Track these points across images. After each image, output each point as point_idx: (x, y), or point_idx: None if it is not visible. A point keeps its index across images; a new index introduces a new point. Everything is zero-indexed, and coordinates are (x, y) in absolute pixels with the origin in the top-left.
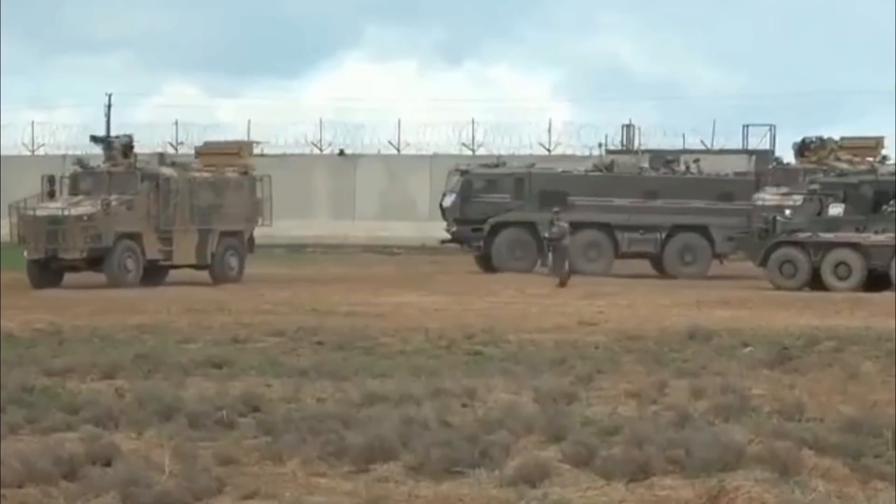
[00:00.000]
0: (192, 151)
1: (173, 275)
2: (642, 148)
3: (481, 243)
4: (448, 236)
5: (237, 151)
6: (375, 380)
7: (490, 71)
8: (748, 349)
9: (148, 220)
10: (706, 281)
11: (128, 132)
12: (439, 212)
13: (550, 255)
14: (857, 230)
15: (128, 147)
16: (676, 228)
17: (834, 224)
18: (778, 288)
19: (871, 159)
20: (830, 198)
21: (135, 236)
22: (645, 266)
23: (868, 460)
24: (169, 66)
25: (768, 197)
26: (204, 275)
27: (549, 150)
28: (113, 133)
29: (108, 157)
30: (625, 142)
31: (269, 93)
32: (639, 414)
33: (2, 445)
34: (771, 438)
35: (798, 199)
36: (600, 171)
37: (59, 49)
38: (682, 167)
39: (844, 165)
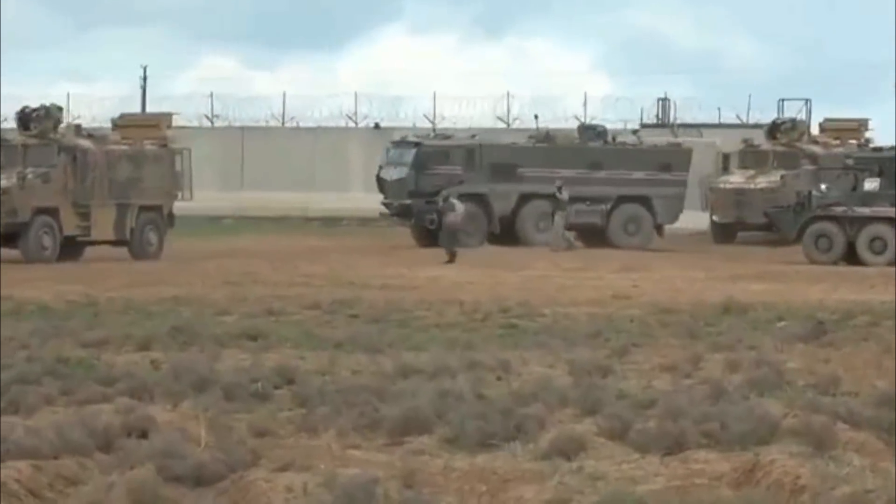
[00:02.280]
0: (228, 124)
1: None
2: (678, 122)
3: (434, 216)
4: (385, 209)
5: (156, 124)
6: (410, 352)
7: (528, 44)
8: (783, 323)
9: (65, 195)
10: (741, 254)
11: (164, 105)
12: (377, 184)
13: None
14: (892, 205)
15: (51, 118)
16: (620, 199)
17: (869, 198)
18: (813, 262)
19: (853, 142)
20: (866, 172)
21: (51, 211)
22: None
23: None
24: (206, 39)
25: (735, 179)
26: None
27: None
28: (149, 107)
29: (24, 129)
30: (660, 115)
31: (306, 65)
32: (673, 387)
33: (34, 417)
34: (806, 412)
35: (762, 182)
36: (541, 143)
37: (97, 21)
38: (611, 139)
39: (817, 149)
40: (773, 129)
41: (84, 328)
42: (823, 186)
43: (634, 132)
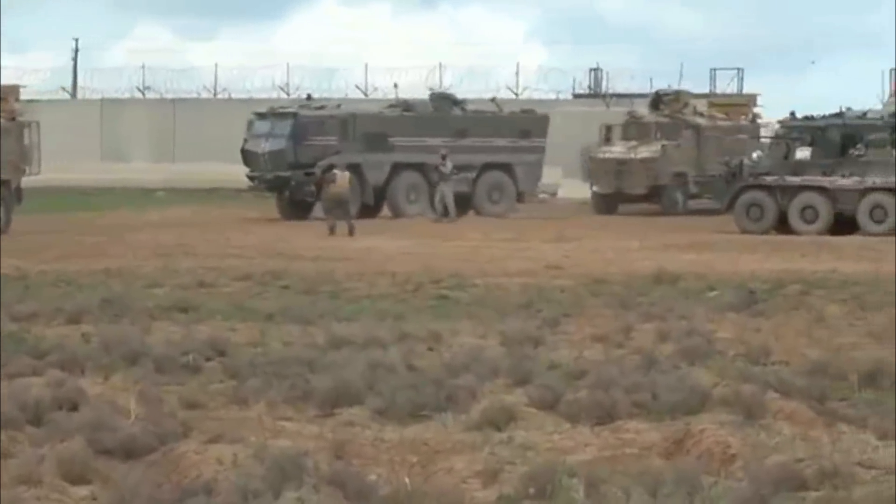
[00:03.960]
0: (159, 96)
1: None
2: (610, 92)
3: (312, 187)
4: (252, 182)
5: (4, 97)
6: (341, 324)
7: (463, 14)
8: (714, 293)
9: None
10: (673, 224)
11: (96, 78)
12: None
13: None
14: (824, 174)
15: None
16: (485, 167)
17: (801, 168)
18: (744, 232)
19: (743, 117)
20: (797, 141)
21: None
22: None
23: (833, 403)
24: (140, 10)
25: (615, 149)
26: None
27: (516, 95)
28: (80, 78)
29: None
30: (592, 86)
31: (241, 37)
32: (605, 357)
33: None
34: (736, 382)
35: (643, 152)
36: (408, 111)
37: None
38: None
39: (701, 121)
40: (657, 101)
41: (14, 301)
42: (755, 155)
43: (492, 99)
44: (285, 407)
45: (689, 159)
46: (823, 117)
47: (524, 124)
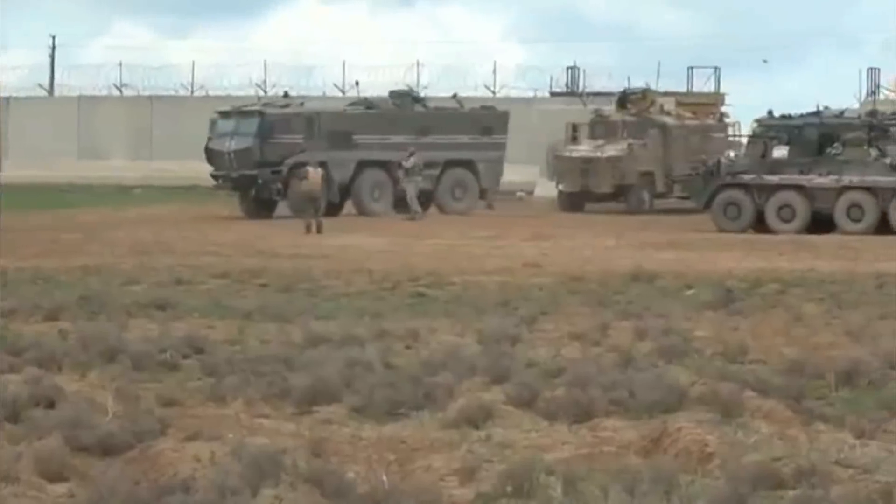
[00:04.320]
0: (137, 94)
1: None
2: (587, 90)
3: (280, 186)
4: (216, 181)
5: None
6: (319, 321)
7: (441, 12)
8: (691, 291)
9: None
10: (651, 222)
11: (73, 75)
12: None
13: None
14: (802, 172)
15: None
16: (448, 164)
17: (778, 166)
18: (722, 230)
19: (711, 116)
20: (775, 140)
21: None
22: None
23: (810, 402)
24: (118, 7)
25: (581, 148)
26: None
27: (493, 93)
28: (57, 75)
29: None
30: (569, 84)
31: (219, 34)
32: (582, 355)
33: None
34: (714, 380)
35: (609, 151)
36: (371, 109)
37: None
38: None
39: (668, 119)
40: (623, 100)
41: None
42: (732, 154)
43: (453, 96)
44: (263, 404)
45: (655, 158)
46: (801, 116)
47: (486, 121)
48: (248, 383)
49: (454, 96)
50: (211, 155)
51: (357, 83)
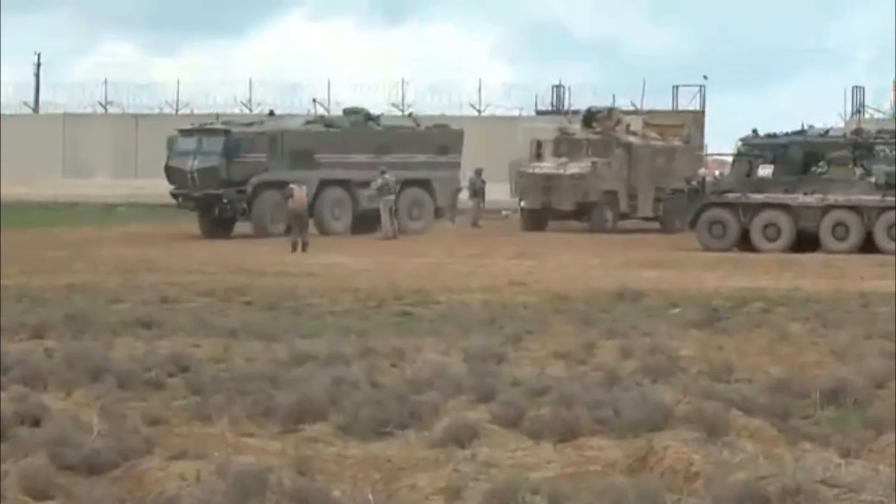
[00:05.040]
0: (121, 111)
1: None
2: (572, 109)
3: (245, 205)
4: (177, 200)
5: None
6: (304, 340)
7: (428, 30)
8: (677, 310)
9: None
10: (637, 241)
11: (58, 92)
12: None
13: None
14: (787, 191)
15: None
16: (406, 184)
17: (763, 185)
18: (707, 249)
19: (678, 138)
20: (760, 159)
21: None
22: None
23: (796, 421)
24: (103, 25)
25: (545, 165)
26: None
27: (479, 111)
28: (42, 92)
29: None
30: (554, 102)
31: (204, 52)
32: (567, 374)
33: None
34: (699, 399)
35: (572, 168)
36: (332, 127)
37: None
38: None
39: (633, 139)
40: (589, 118)
41: None
42: (717, 173)
43: (409, 115)
44: (248, 423)
45: (619, 178)
46: (786, 135)
47: (441, 139)
48: (234, 402)
49: (410, 115)
50: (171, 173)
51: (315, 100)
